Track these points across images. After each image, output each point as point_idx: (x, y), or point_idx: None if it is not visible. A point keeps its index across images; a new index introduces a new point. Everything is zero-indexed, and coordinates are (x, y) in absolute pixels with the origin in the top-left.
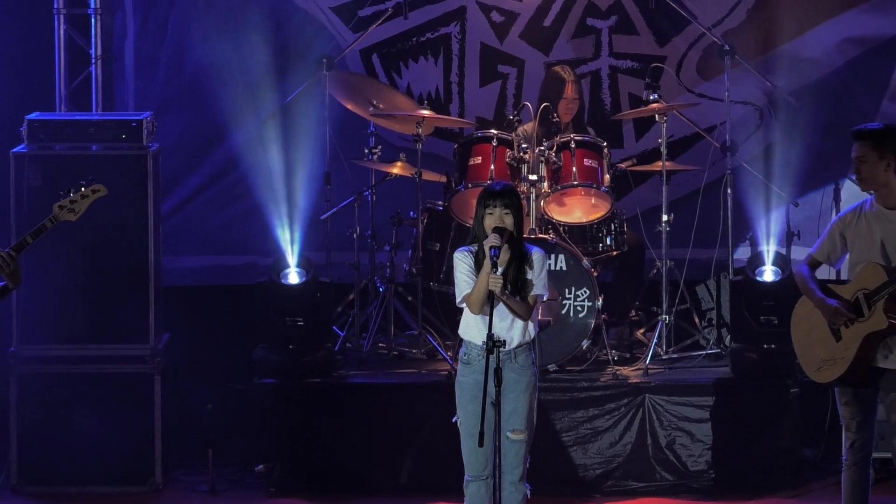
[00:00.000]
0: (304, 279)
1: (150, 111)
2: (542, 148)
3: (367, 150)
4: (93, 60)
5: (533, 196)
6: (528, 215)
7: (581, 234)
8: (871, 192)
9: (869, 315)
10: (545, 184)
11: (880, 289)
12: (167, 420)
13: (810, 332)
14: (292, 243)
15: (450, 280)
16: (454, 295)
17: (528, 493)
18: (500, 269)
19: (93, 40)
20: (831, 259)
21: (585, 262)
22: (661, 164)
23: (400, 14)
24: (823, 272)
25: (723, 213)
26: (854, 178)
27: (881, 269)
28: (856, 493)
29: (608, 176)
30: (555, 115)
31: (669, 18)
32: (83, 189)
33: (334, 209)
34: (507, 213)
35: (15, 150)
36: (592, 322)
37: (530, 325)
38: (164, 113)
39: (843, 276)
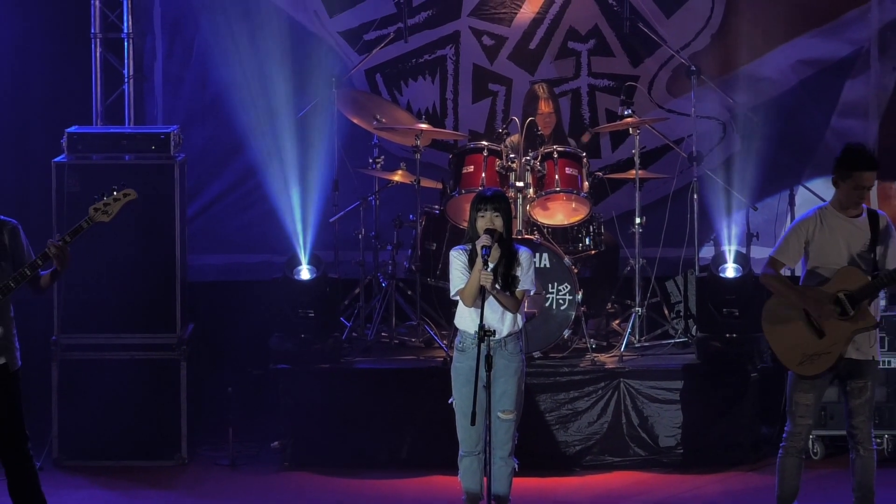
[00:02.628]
0: (314, 275)
1: (177, 125)
2: (528, 158)
3: (371, 160)
4: (125, 79)
5: (520, 201)
6: (515, 218)
7: (563, 235)
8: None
9: (855, 314)
10: (531, 190)
11: (863, 290)
12: (192, 401)
13: (788, 331)
14: (304, 243)
15: (446, 276)
16: (449, 289)
17: (516, 466)
18: (490, 266)
19: (125, 61)
20: (794, 261)
21: (567, 260)
22: (634, 172)
23: (400, 38)
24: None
25: (689, 217)
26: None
27: (860, 272)
28: (791, 477)
29: (587, 183)
30: (538, 128)
31: (642, 42)
32: (115, 193)
33: (342, 213)
34: (496, 216)
35: (56, 159)
36: (573, 314)
37: (518, 316)
38: (190, 126)
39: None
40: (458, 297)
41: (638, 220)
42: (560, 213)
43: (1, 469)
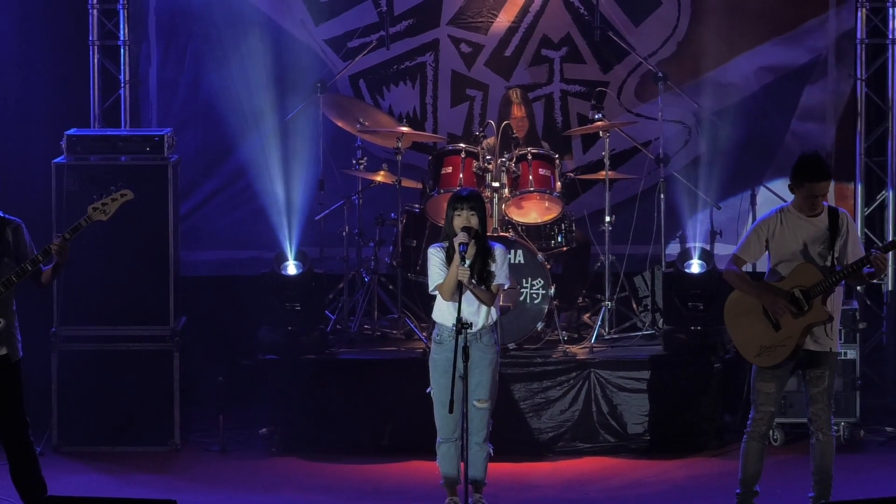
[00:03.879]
0: (301, 270)
1: (171, 128)
2: (504, 159)
3: (354, 161)
4: (122, 84)
5: (495, 200)
6: (491, 216)
7: (536, 233)
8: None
9: (809, 308)
10: (506, 190)
11: (818, 286)
12: (184, 390)
13: (747, 324)
14: (291, 240)
15: (425, 272)
16: (428, 284)
17: (491, 451)
18: (467, 262)
19: (122, 67)
20: (756, 258)
21: (540, 256)
22: (604, 173)
23: (383, 45)
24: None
25: (656, 215)
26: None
27: (815, 269)
28: (753, 462)
29: (559, 183)
30: (513, 131)
31: (612, 50)
32: (113, 194)
33: (327, 211)
34: (473, 215)
35: (56, 160)
36: (546, 307)
37: (493, 309)
38: (183, 129)
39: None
40: (436, 292)
41: (608, 219)
42: (534, 211)
43: (3, 454)
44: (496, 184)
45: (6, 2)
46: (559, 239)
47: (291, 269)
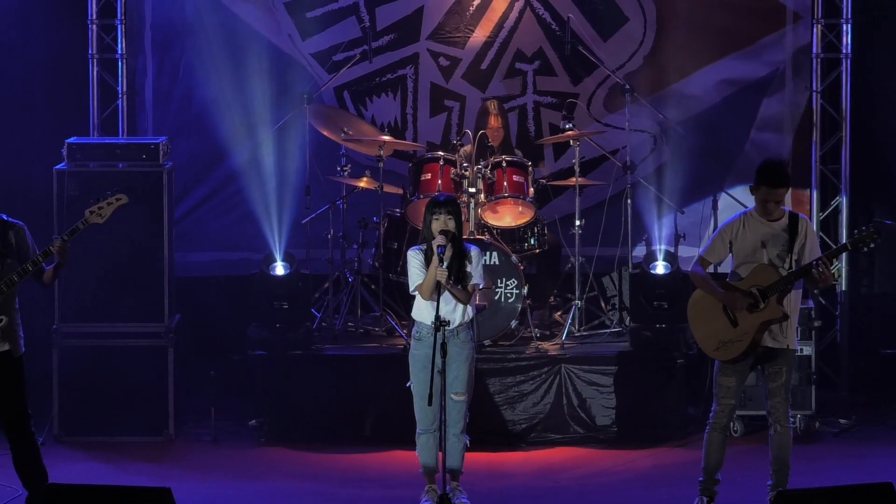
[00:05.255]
0: (288, 271)
1: (166, 136)
2: (480, 166)
3: (339, 168)
4: (119, 96)
5: (472, 205)
6: (467, 220)
7: (510, 236)
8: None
9: (765, 306)
10: (482, 195)
11: (774, 285)
12: (178, 384)
13: (707, 321)
14: (279, 242)
15: (406, 272)
16: (409, 284)
17: (468, 442)
18: (445, 264)
19: (119, 79)
20: (720, 260)
21: (514, 257)
22: (574, 179)
23: (366, 59)
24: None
25: (624, 219)
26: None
27: (772, 270)
28: (715, 451)
29: (532, 189)
30: (489, 140)
31: (582, 63)
32: (110, 198)
33: (313, 215)
34: (450, 219)
35: (57, 167)
36: (519, 306)
37: (469, 308)
38: (177, 138)
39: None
40: (416, 292)
41: (578, 223)
42: (508, 215)
43: (6, 444)
44: (472, 189)
45: (11, 16)
46: (532, 241)
47: (279, 269)
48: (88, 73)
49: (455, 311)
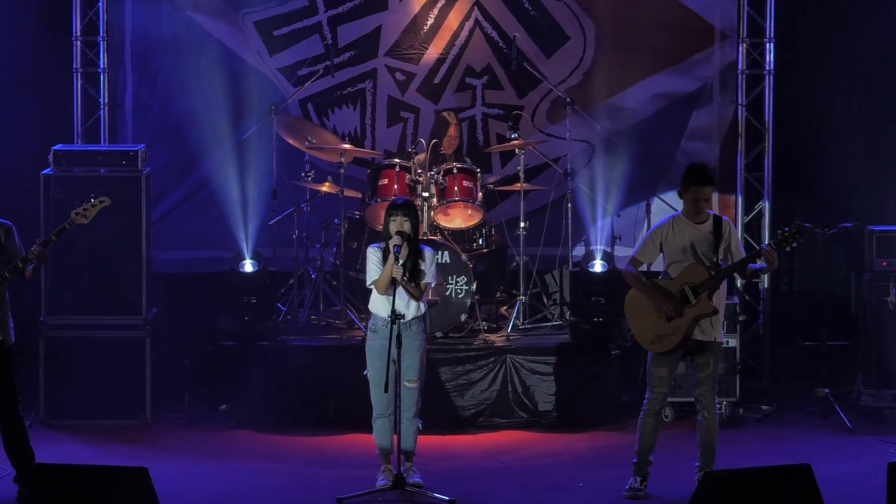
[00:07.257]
0: (256, 268)
1: (144, 144)
2: (432, 173)
3: (303, 174)
4: (101, 107)
5: (425, 208)
6: (422, 223)
7: (460, 236)
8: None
9: (696, 302)
10: (434, 199)
11: (704, 283)
12: (155, 372)
13: (644, 316)
14: (248, 242)
15: (364, 270)
16: (366, 280)
17: (420, 426)
18: (400, 262)
19: (101, 92)
20: (651, 260)
21: (463, 256)
22: (519, 185)
23: (328, 73)
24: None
25: (564, 222)
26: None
27: (702, 268)
28: (648, 435)
29: (481, 193)
30: (441, 148)
31: (527, 78)
32: (93, 200)
33: (279, 217)
34: (406, 221)
35: (44, 171)
36: (469, 301)
37: (421, 303)
38: (155, 146)
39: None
40: (373, 287)
41: (522, 224)
42: (458, 218)
43: None
44: (426, 194)
45: (2, 33)
46: (480, 242)
47: (248, 267)
48: (73, 86)
49: (408, 306)
